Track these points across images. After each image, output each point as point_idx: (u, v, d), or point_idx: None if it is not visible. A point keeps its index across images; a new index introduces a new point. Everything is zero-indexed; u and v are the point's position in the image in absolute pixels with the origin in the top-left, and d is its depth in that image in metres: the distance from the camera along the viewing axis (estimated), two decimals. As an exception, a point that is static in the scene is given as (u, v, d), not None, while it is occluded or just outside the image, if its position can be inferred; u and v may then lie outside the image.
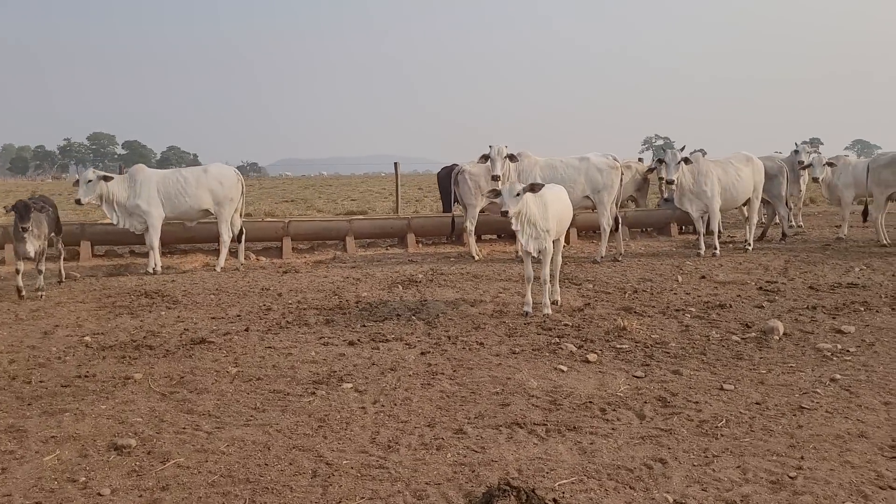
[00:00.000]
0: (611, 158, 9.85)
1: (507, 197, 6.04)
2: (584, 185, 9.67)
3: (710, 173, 10.27)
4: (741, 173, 10.61)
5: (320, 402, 4.19)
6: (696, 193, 10.24)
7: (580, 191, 9.66)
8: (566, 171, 9.61)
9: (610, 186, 9.70)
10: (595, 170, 9.68)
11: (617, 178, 9.76)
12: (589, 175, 9.66)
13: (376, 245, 12.01)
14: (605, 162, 9.75)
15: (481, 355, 5.14)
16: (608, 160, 9.79)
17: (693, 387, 4.43)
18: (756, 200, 10.95)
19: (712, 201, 10.21)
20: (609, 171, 9.70)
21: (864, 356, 5.03)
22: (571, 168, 9.66)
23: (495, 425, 3.81)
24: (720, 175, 10.37)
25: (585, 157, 9.79)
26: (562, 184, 9.58)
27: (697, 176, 10.25)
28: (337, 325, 6.04)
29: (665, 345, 5.39)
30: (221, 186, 9.69)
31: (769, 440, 3.60)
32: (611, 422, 3.88)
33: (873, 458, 3.39)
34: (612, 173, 9.70)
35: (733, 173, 10.51)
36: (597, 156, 9.84)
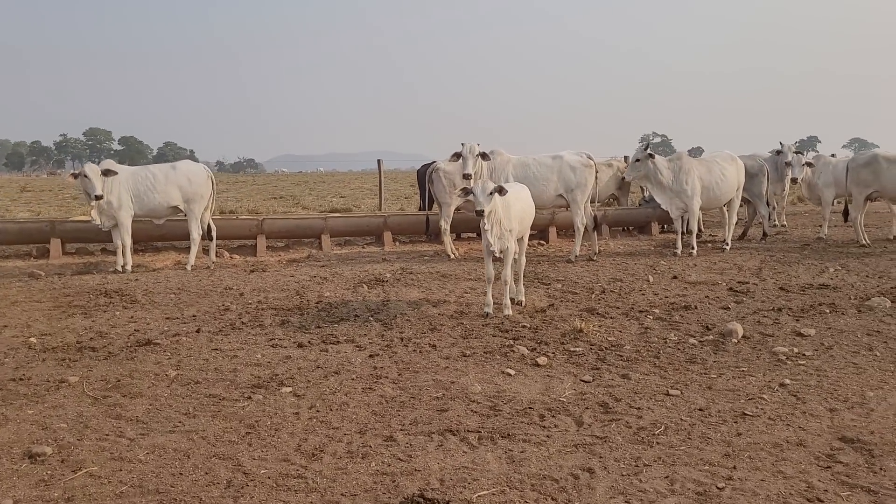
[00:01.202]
0: (585, 156, 9.74)
1: (482, 195, 5.95)
2: (558, 184, 9.57)
3: (692, 172, 10.17)
4: (725, 172, 10.50)
5: (254, 407, 4.09)
6: (675, 192, 10.15)
7: (553, 189, 9.56)
8: (539, 169, 9.51)
9: (583, 185, 9.60)
10: (568, 168, 9.57)
11: (591, 177, 9.66)
12: (562, 173, 9.56)
13: (353, 243, 11.90)
14: (578, 160, 9.64)
15: (431, 358, 5.04)
16: (582, 158, 9.68)
17: (639, 392, 4.34)
18: (736, 200, 10.87)
19: (692, 200, 10.11)
20: (583, 170, 9.59)
21: (819, 360, 4.94)
22: (544, 166, 9.56)
23: (428, 432, 3.72)
24: (703, 174, 10.27)
25: (559, 156, 9.69)
26: (535, 182, 9.50)
27: (678, 174, 10.15)
28: (291, 326, 5.94)
29: (620, 347, 5.30)
30: (190, 183, 9.57)
31: (705, 449, 3.51)
32: (547, 429, 3.78)
33: (807, 468, 3.30)
34: (585, 171, 9.60)
35: (718, 172, 10.41)
36: (570, 154, 9.74)
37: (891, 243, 10.97)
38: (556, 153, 9.76)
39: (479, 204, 5.92)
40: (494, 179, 9.20)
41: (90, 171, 8.67)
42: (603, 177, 13.33)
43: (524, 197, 6.58)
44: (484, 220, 6.05)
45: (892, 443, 3.55)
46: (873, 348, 5.21)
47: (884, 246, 10.69)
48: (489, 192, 5.98)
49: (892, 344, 5.33)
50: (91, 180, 8.60)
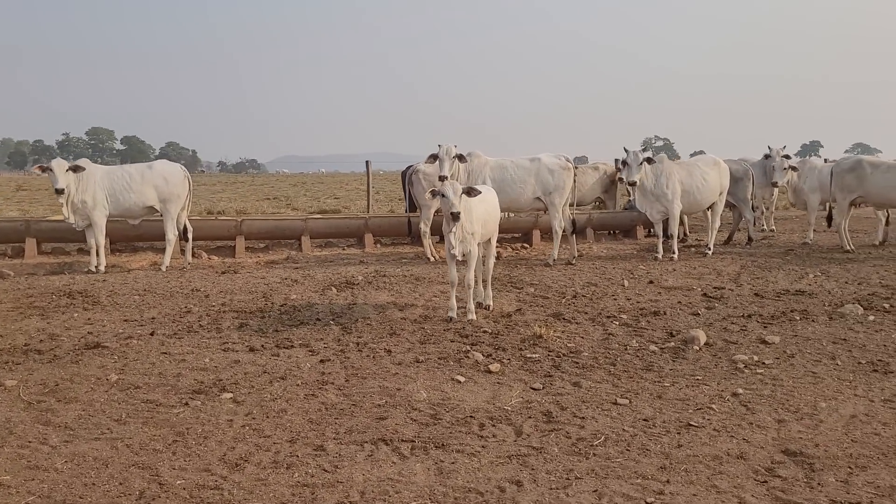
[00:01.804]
0: (563, 159, 9.64)
1: (454, 197, 5.84)
2: (535, 186, 9.47)
3: (672, 175, 10.06)
4: (707, 177, 10.40)
5: (189, 413, 4.00)
6: (656, 195, 10.04)
7: (531, 192, 9.46)
8: (516, 171, 9.41)
9: (561, 188, 9.49)
10: (546, 171, 9.47)
11: (569, 180, 9.55)
12: (540, 176, 9.45)
13: (334, 245, 11.81)
14: (556, 163, 9.53)
15: (382, 364, 4.94)
16: (560, 161, 9.58)
17: (587, 400, 4.24)
18: (720, 204, 10.75)
19: (672, 204, 10.00)
20: (560, 172, 9.48)
21: (777, 368, 4.83)
22: (522, 169, 9.45)
23: (361, 441, 3.62)
24: (683, 178, 10.16)
25: (537, 158, 9.58)
26: (512, 185, 9.41)
27: (659, 178, 10.04)
28: (248, 330, 5.85)
29: (578, 354, 5.19)
30: (167, 183, 9.49)
31: (642, 461, 3.40)
32: (485, 438, 3.68)
33: (743, 482, 3.19)
34: (563, 174, 9.49)
35: (699, 176, 10.31)
36: (548, 156, 9.63)
37: (875, 249, 10.84)
38: (535, 155, 9.65)
39: (453, 206, 5.80)
40: (472, 181, 9.10)
41: (55, 165, 8.63)
42: (589, 180, 13.28)
43: (488, 199, 6.48)
44: (452, 224, 5.94)
45: (836, 456, 3.44)
46: (836, 357, 5.10)
47: (868, 252, 10.56)
48: (460, 194, 5.89)
49: (857, 352, 5.22)
50: (55, 173, 8.54)
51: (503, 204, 9.56)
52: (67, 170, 8.71)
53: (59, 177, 8.55)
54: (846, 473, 3.26)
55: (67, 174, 8.66)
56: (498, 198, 9.41)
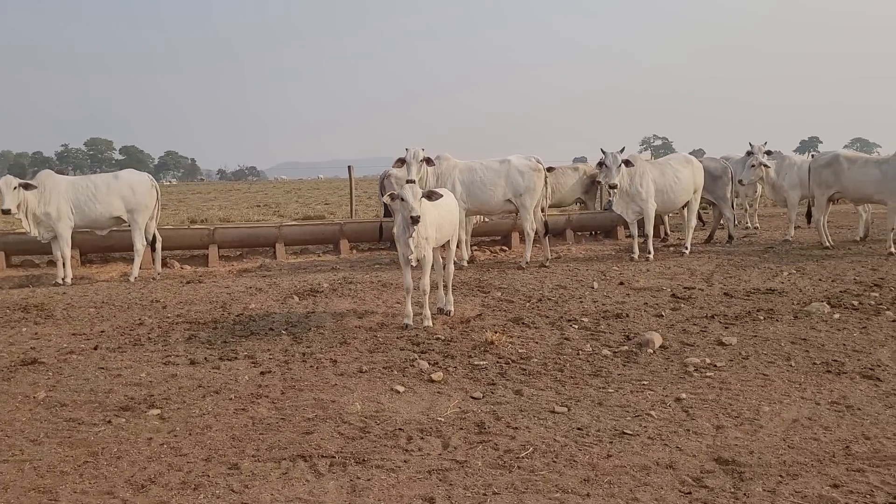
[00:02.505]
0: (533, 160, 9.51)
1: (413, 200, 5.72)
2: (506, 189, 9.34)
3: (646, 175, 9.94)
4: (680, 175, 10.26)
5: (111, 431, 3.87)
6: (630, 195, 9.91)
7: (501, 194, 9.33)
8: (486, 174, 9.29)
9: (532, 189, 9.36)
10: (516, 172, 9.34)
11: (540, 181, 9.42)
12: (510, 178, 9.33)
13: (310, 252, 11.68)
14: (526, 164, 9.41)
15: (324, 375, 4.81)
16: (530, 162, 9.45)
17: (525, 409, 4.11)
18: (695, 203, 10.62)
19: (646, 204, 9.87)
20: (531, 174, 9.36)
21: (728, 371, 4.69)
22: (492, 171, 9.33)
23: (279, 458, 3.49)
24: (656, 177, 10.04)
25: (506, 160, 9.46)
26: (483, 187, 9.29)
27: (633, 177, 9.92)
28: (196, 342, 5.73)
29: (527, 360, 5.06)
30: (133, 193, 9.38)
31: (566, 473, 3.27)
32: (409, 452, 3.55)
33: (666, 494, 3.06)
34: (534, 176, 9.36)
35: (671, 175, 10.18)
36: (518, 158, 9.51)
37: (855, 245, 10.69)
38: (504, 157, 9.53)
39: (412, 210, 5.67)
40: (441, 185, 8.99)
41: (3, 184, 8.49)
42: (569, 181, 13.15)
43: (443, 204, 6.35)
44: (411, 228, 5.81)
45: (768, 464, 3.31)
46: (791, 357, 4.97)
47: (848, 248, 10.42)
48: (420, 197, 5.79)
49: (814, 353, 5.09)
50: (2, 193, 8.43)
51: (474, 207, 9.44)
52: (16, 187, 8.57)
53: (6, 196, 8.45)
54: (775, 482, 3.13)
55: (16, 192, 8.54)
56: (468, 201, 9.32)
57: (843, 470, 3.23)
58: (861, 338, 5.46)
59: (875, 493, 3.01)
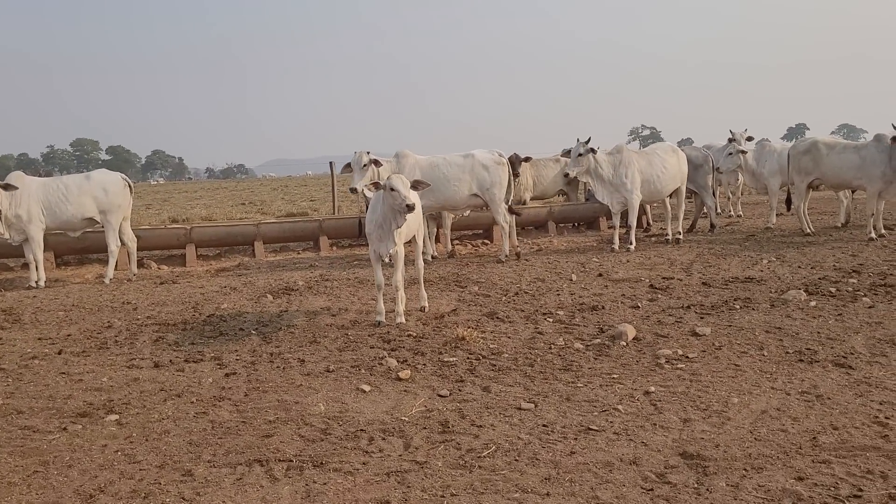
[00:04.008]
0: (496, 154, 9.47)
1: (406, 190, 5.61)
2: (471, 184, 9.28)
3: (631, 165, 9.88)
4: (666, 164, 10.25)
5: (65, 439, 3.77)
6: (615, 186, 9.86)
7: (467, 189, 9.26)
8: (450, 169, 9.17)
9: (499, 183, 9.32)
10: (481, 167, 9.28)
11: (505, 175, 9.38)
12: (475, 173, 9.25)
13: (291, 249, 11.56)
14: (490, 158, 9.37)
15: (289, 375, 4.72)
16: (494, 156, 9.42)
17: (491, 406, 4.03)
18: (683, 192, 10.60)
19: (631, 194, 9.82)
20: (496, 168, 9.32)
21: (700, 363, 4.63)
22: (456, 166, 9.24)
23: (235, 463, 3.40)
24: (643, 167, 9.99)
25: (470, 154, 9.41)
26: (447, 183, 9.22)
27: (618, 168, 9.87)
28: (162, 344, 5.62)
29: (498, 356, 4.98)
30: (106, 194, 9.23)
31: (527, 472, 3.20)
32: (369, 454, 3.47)
33: (628, 491, 2.99)
34: (498, 170, 9.32)
35: (658, 165, 10.15)
36: (482, 152, 9.47)
37: (836, 231, 10.68)
38: (468, 152, 9.48)
39: (406, 198, 5.55)
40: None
41: None
42: (550, 173, 13.08)
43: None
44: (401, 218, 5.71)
45: (734, 457, 3.24)
46: (764, 347, 4.91)
47: (829, 234, 10.40)
48: (410, 186, 5.70)
49: (787, 341, 5.04)
50: None
51: (439, 203, 9.30)
52: None
53: None
54: (739, 476, 3.06)
55: None
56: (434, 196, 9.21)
57: (808, 462, 3.17)
58: (836, 325, 5.41)
59: (839, 485, 2.95)
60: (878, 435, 3.41)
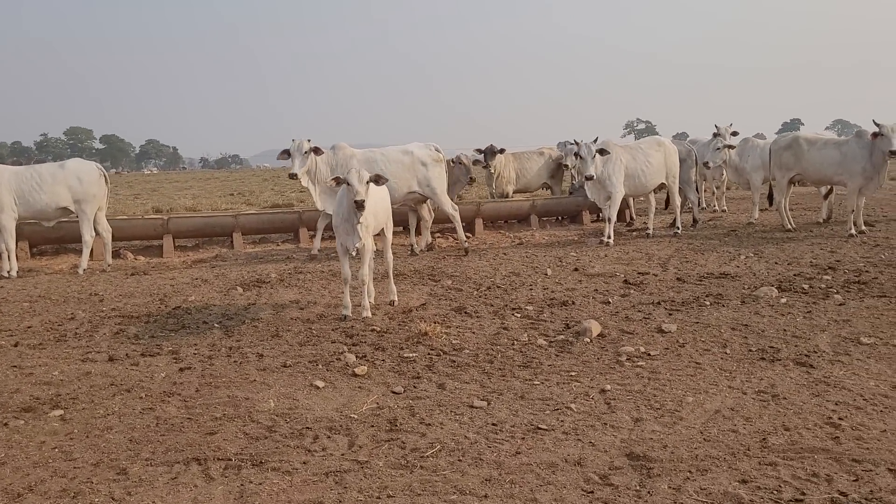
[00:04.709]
0: (433, 149, 9.43)
1: (360, 184, 5.52)
2: (410, 180, 9.23)
3: (617, 160, 9.80)
4: (651, 159, 10.19)
5: (4, 435, 3.69)
6: (600, 180, 9.77)
7: (405, 185, 9.22)
8: (387, 164, 9.05)
9: (436, 178, 9.31)
10: (419, 162, 9.24)
11: (442, 170, 9.38)
12: (413, 168, 9.17)
13: (270, 241, 11.45)
14: (428, 154, 9.34)
15: (245, 370, 4.64)
16: (431, 152, 9.39)
17: (444, 404, 3.96)
18: (674, 185, 10.54)
19: (615, 188, 9.75)
20: (433, 164, 9.30)
21: (660, 360, 4.57)
22: (393, 162, 9.15)
23: (173, 462, 3.32)
24: (627, 161, 9.91)
25: (408, 150, 9.36)
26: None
27: (605, 163, 9.79)
28: (122, 337, 5.53)
29: (459, 352, 4.91)
30: (81, 183, 9.10)
31: (468, 473, 3.13)
32: (312, 452, 3.39)
33: (568, 493, 2.92)
34: (436, 166, 9.32)
35: (642, 159, 10.09)
36: (419, 147, 9.43)
37: (817, 227, 10.62)
38: (406, 147, 9.43)
39: (357, 194, 5.46)
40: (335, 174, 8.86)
41: None
42: (534, 166, 13.00)
43: (378, 191, 6.17)
44: (358, 213, 5.62)
45: (680, 459, 3.18)
46: (728, 344, 4.85)
47: (810, 230, 10.34)
48: (367, 181, 5.59)
49: (752, 339, 4.98)
50: None
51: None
52: None
53: None
54: (682, 479, 3.00)
55: None
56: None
57: (755, 464, 3.11)
58: (803, 323, 5.36)
59: (783, 488, 2.89)
60: (828, 437, 3.35)
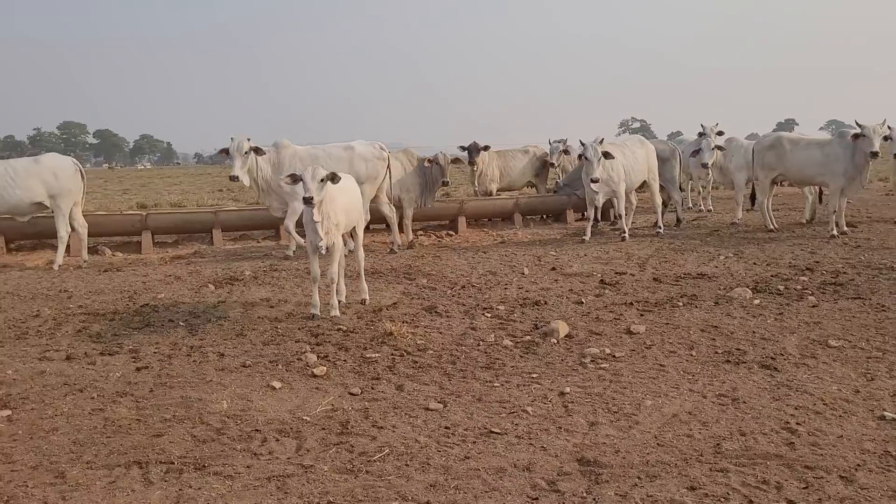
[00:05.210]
0: (377, 147, 9.37)
1: (311, 182, 5.42)
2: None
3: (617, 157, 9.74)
4: (637, 156, 10.19)
5: (-54, 436, 3.60)
6: (603, 179, 9.68)
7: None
8: (329, 161, 8.94)
9: (374, 177, 9.24)
10: (360, 159, 9.16)
11: (382, 169, 9.30)
12: (354, 165, 9.05)
13: (251, 237, 11.36)
14: (371, 151, 9.29)
15: (203, 370, 4.56)
16: (374, 150, 9.33)
17: (399, 406, 3.89)
18: (654, 183, 10.52)
19: (619, 185, 9.73)
20: (375, 161, 9.24)
21: (625, 362, 4.51)
22: (335, 158, 9.06)
23: (114, 465, 3.24)
24: (620, 158, 9.84)
25: (350, 146, 9.29)
26: None
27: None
28: (83, 335, 5.44)
29: (423, 352, 4.84)
30: (56, 178, 8.99)
31: (414, 478, 3.06)
32: (257, 456, 3.32)
33: (512, 500, 2.86)
34: (377, 163, 9.25)
35: (631, 156, 10.07)
36: (362, 144, 9.36)
37: (800, 227, 10.59)
38: (348, 143, 9.36)
39: (308, 191, 5.38)
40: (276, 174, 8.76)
41: None
42: (519, 164, 12.92)
43: (349, 187, 6.10)
44: (314, 212, 5.54)
45: (631, 464, 3.12)
46: (695, 346, 4.80)
47: (792, 230, 10.31)
48: (321, 179, 5.48)
49: (720, 340, 4.93)
50: None
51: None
52: None
53: None
54: (630, 485, 2.94)
55: None
56: None
57: (706, 470, 3.05)
58: (774, 324, 5.31)
59: (731, 496, 2.83)
60: (784, 442, 3.30)
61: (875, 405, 3.71)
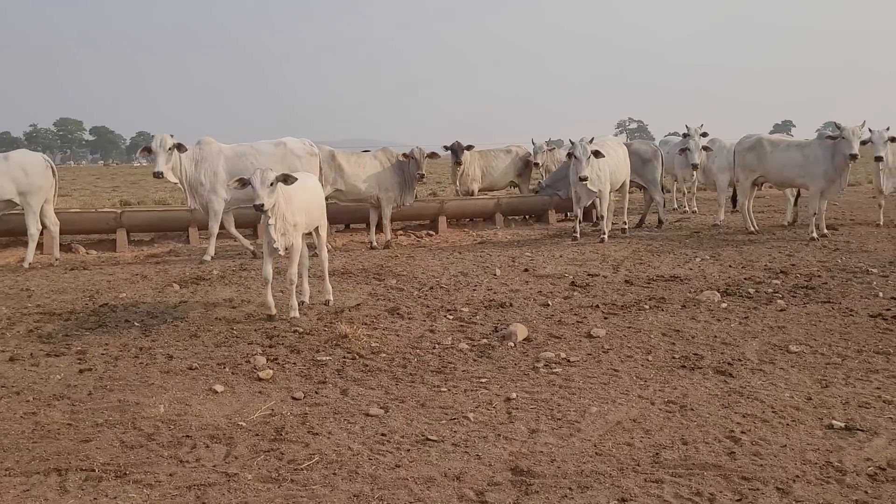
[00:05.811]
0: (307, 144, 9.27)
1: (260, 187, 5.30)
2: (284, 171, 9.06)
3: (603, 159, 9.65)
4: (620, 157, 10.12)
5: None
6: (590, 179, 9.57)
7: None
8: (258, 158, 8.77)
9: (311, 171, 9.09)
10: (292, 154, 9.03)
11: (316, 166, 9.16)
12: (286, 161, 8.90)
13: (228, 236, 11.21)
14: (302, 148, 9.16)
15: (147, 372, 4.45)
16: (305, 146, 9.21)
17: (340, 412, 3.79)
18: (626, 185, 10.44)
19: (605, 185, 9.63)
20: (308, 158, 9.10)
21: (579, 367, 4.41)
22: (265, 155, 8.90)
23: (33, 472, 3.14)
24: (607, 159, 9.73)
25: (282, 142, 9.17)
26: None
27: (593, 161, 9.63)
28: (34, 336, 5.33)
29: (375, 356, 4.74)
30: (26, 175, 8.85)
31: (339, 488, 2.96)
32: (183, 463, 3.21)
33: (435, 512, 2.75)
34: (311, 160, 9.10)
35: (614, 156, 9.97)
36: (293, 141, 9.25)
37: (781, 230, 10.50)
38: (279, 140, 9.22)
39: (256, 197, 5.27)
40: (201, 171, 8.66)
41: None
42: (501, 164, 12.82)
43: (310, 186, 5.99)
44: (270, 217, 5.42)
45: (565, 474, 3.02)
46: (653, 351, 4.70)
47: (773, 233, 10.22)
48: (270, 183, 5.35)
49: (680, 345, 4.83)
50: None
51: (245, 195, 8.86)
52: None
53: None
54: (560, 496, 2.84)
55: None
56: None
57: (640, 481, 2.95)
58: (737, 329, 5.22)
59: (661, 508, 2.73)
60: (725, 451, 3.20)
61: (825, 413, 3.61)
